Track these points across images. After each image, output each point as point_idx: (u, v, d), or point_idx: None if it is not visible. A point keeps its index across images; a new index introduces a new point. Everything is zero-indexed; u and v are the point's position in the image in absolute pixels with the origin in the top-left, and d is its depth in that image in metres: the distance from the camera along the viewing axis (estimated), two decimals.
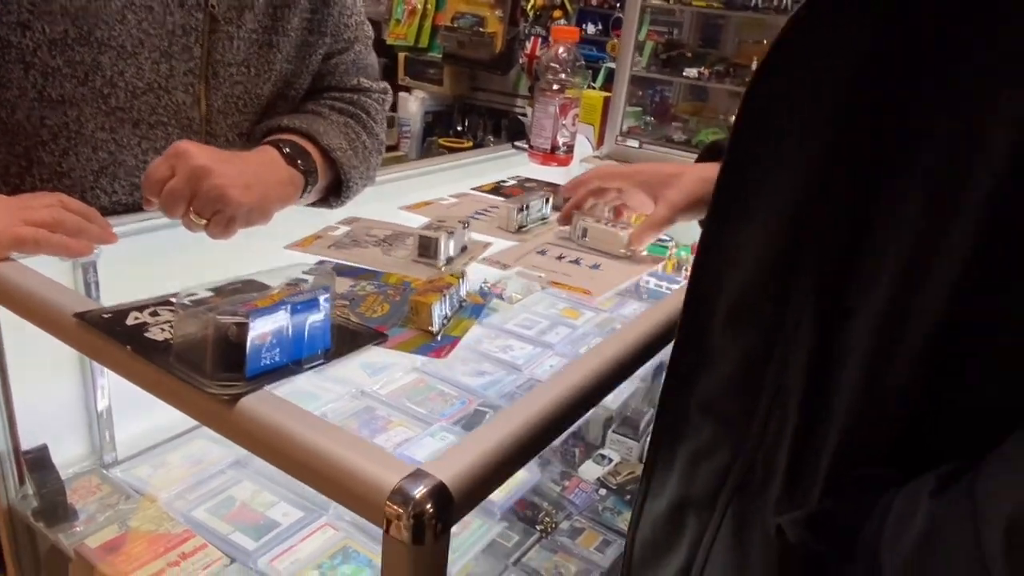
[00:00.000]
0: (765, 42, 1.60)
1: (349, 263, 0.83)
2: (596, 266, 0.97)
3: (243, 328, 0.53)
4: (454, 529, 0.58)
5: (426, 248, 0.85)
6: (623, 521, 1.08)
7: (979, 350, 0.37)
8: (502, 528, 0.98)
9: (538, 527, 1.05)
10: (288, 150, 0.93)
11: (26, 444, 0.82)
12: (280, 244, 0.90)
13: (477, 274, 0.97)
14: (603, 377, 0.63)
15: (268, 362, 0.54)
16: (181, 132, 0.94)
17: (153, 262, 0.86)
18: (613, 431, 1.22)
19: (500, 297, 1.13)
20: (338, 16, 1.07)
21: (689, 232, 1.28)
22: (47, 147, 0.89)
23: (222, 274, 0.76)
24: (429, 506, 0.45)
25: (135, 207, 0.90)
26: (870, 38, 0.38)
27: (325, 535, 0.84)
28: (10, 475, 0.82)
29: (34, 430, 0.83)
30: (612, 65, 1.77)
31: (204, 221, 0.81)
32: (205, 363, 0.53)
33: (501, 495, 0.92)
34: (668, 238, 1.25)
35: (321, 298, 0.58)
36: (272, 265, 0.82)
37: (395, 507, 0.45)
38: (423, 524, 0.45)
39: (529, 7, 1.99)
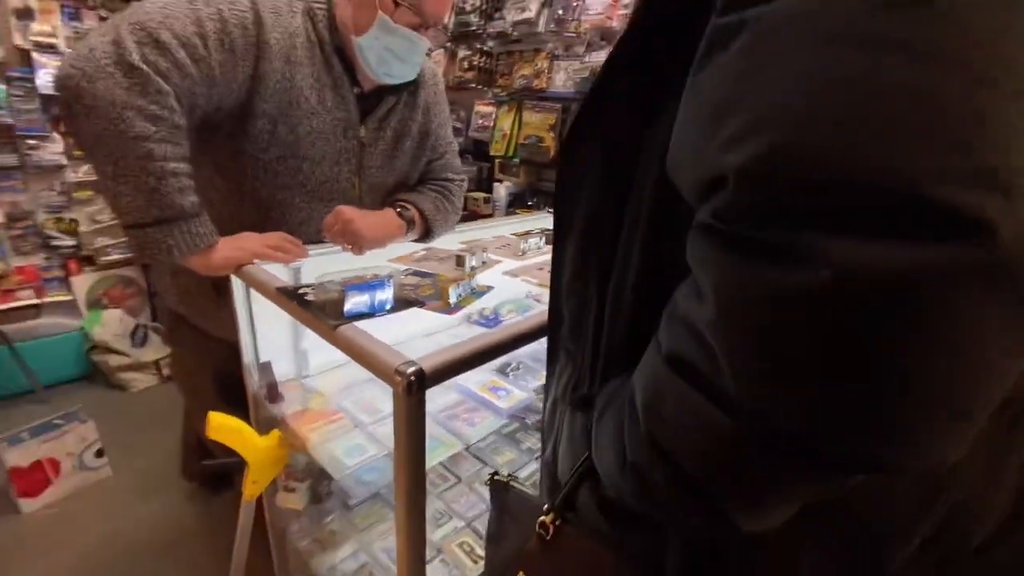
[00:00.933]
0: None
1: (419, 269, 0.95)
2: None
3: (343, 294, 0.69)
4: (477, 418, 0.70)
5: (459, 262, 0.96)
6: None
7: (661, 286, 0.35)
8: (508, 423, 1.01)
9: None
10: (399, 210, 1.07)
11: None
12: (386, 258, 1.02)
13: (502, 281, 1.01)
14: (510, 338, 0.68)
15: (355, 311, 0.70)
16: (345, 203, 1.02)
17: (325, 265, 0.96)
18: None
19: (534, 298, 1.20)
20: (435, 142, 1.17)
21: None
22: (276, 211, 0.99)
23: (357, 273, 0.92)
24: (412, 378, 0.57)
25: (319, 241, 1.02)
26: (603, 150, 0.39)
27: None
28: (254, 376, 0.98)
29: (263, 353, 0.98)
30: None
31: (349, 247, 0.97)
32: (328, 310, 0.70)
33: (506, 405, 0.95)
34: None
35: (389, 281, 0.73)
36: (380, 269, 0.98)
37: (397, 377, 0.57)
38: (410, 386, 0.57)
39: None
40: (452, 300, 0.79)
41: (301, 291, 0.76)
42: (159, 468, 1.93)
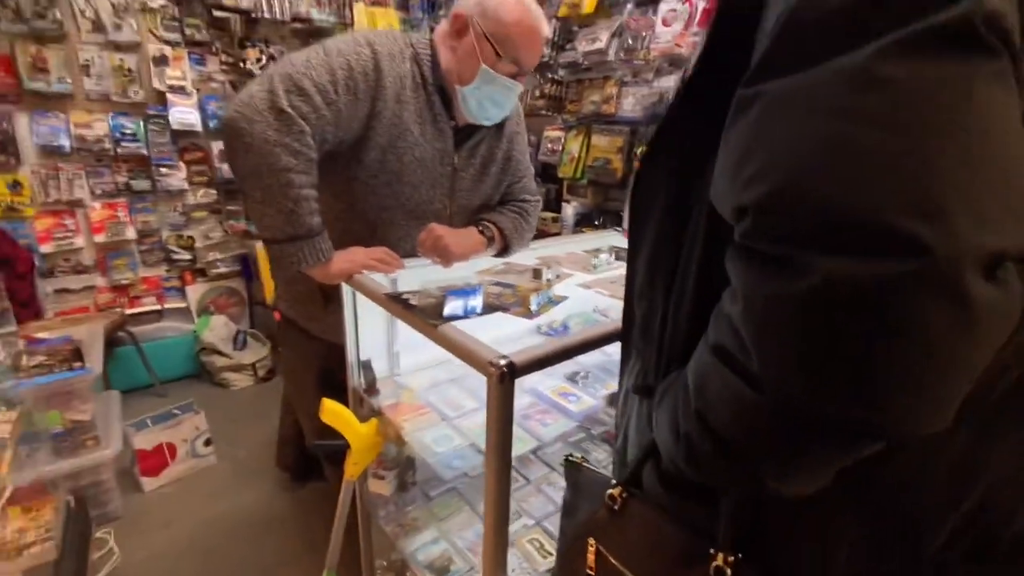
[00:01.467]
0: None
1: (501, 280, 1.03)
2: None
3: (444, 298, 0.79)
4: (549, 419, 0.76)
5: (536, 275, 1.05)
6: None
7: (712, 293, 0.39)
8: (574, 427, 1.04)
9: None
10: (481, 228, 1.17)
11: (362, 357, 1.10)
12: (471, 271, 1.11)
13: (576, 292, 1.06)
14: (588, 340, 0.76)
15: (452, 314, 0.80)
16: (438, 221, 1.12)
17: (419, 275, 1.03)
18: None
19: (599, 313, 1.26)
20: (515, 167, 1.28)
21: None
22: (380, 228, 1.12)
23: (447, 283, 1.03)
24: (505, 368, 0.66)
25: (414, 255, 1.12)
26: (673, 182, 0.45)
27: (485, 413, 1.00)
28: (357, 372, 1.10)
29: (365, 352, 1.10)
30: None
31: (439, 260, 1.07)
32: (429, 312, 0.81)
33: (577, 409, 1.03)
34: None
35: (480, 289, 0.83)
36: (469, 280, 1.08)
37: (492, 368, 0.66)
38: (503, 376, 0.66)
39: (639, 150, 2.08)
40: (533, 307, 0.87)
41: (405, 296, 0.88)
42: (256, 458, 2.14)
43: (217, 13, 2.59)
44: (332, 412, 0.95)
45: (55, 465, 1.58)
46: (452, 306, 0.80)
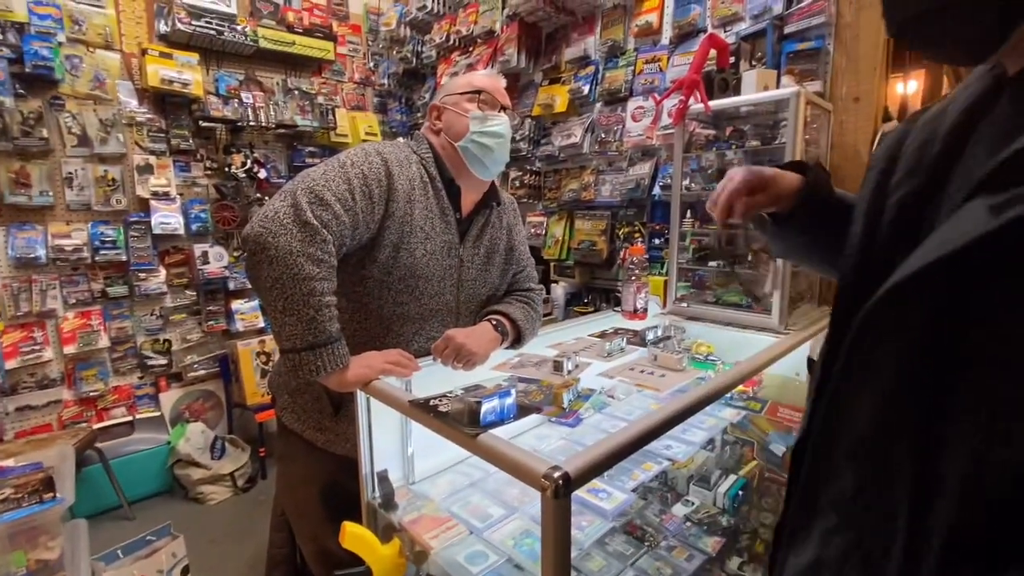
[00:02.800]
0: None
1: (521, 375, 1.02)
2: (663, 375, 1.06)
3: (479, 404, 0.76)
4: (584, 522, 0.72)
5: (557, 366, 1.03)
6: (703, 543, 1.09)
7: None
8: (611, 528, 1.00)
9: (646, 543, 1.09)
10: (495, 323, 1.16)
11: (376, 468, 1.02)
12: (489, 367, 1.09)
13: (596, 382, 1.07)
14: (651, 428, 0.74)
15: (489, 419, 0.77)
16: (447, 313, 1.16)
17: (435, 377, 1.02)
18: (693, 484, 1.22)
19: (611, 396, 1.24)
20: (518, 256, 1.31)
21: (732, 352, 1.34)
22: (395, 324, 1.11)
23: (464, 383, 1.00)
24: (560, 482, 0.61)
25: (427, 350, 1.09)
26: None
27: (516, 522, 0.94)
28: (370, 485, 1.03)
29: (379, 463, 1.03)
30: None
31: (460, 366, 1.04)
32: (464, 419, 0.77)
33: (610, 506, 0.96)
34: (716, 358, 1.28)
35: (512, 391, 0.81)
36: (486, 378, 1.06)
37: (546, 481, 0.62)
38: (558, 490, 0.61)
39: (621, 232, 2.14)
40: (565, 404, 0.85)
41: (433, 403, 0.84)
42: None
43: (204, 123, 2.67)
44: (353, 536, 0.87)
45: None
46: (489, 409, 0.77)
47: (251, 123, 2.78)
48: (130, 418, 2.55)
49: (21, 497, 1.35)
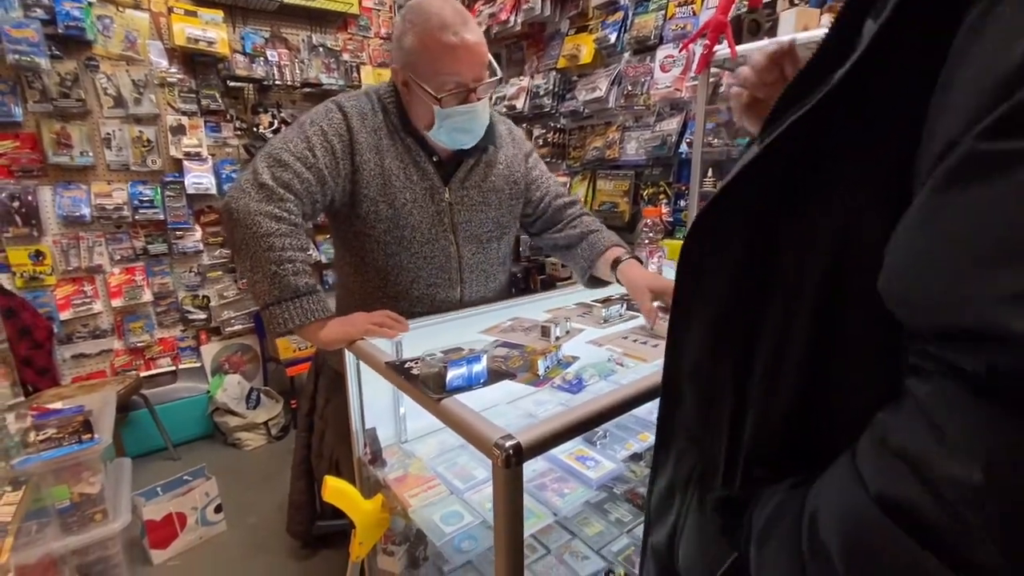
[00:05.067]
0: None
1: (507, 340, 0.99)
2: (655, 345, 1.01)
3: (445, 369, 0.75)
4: (566, 488, 0.70)
5: (544, 332, 0.99)
6: None
7: (830, 371, 0.34)
8: (596, 493, 0.99)
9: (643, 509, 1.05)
10: (625, 256, 1.19)
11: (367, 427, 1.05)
12: (476, 330, 1.06)
13: (586, 351, 1.00)
14: (603, 410, 0.69)
15: (456, 384, 0.75)
16: (447, 259, 1.13)
17: (425, 338, 0.97)
18: None
19: (620, 364, 1.18)
20: (532, 185, 1.26)
21: None
22: (390, 274, 1.12)
23: (451, 344, 0.98)
24: (511, 451, 0.59)
25: (431, 296, 1.14)
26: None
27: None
28: (360, 442, 1.05)
29: (370, 420, 1.05)
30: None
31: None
32: (431, 383, 0.76)
33: (596, 475, 0.95)
34: None
35: (483, 356, 0.78)
36: (473, 340, 1.03)
37: (497, 451, 0.60)
38: (509, 459, 0.60)
39: (645, 193, 2.07)
40: (540, 372, 0.82)
41: (407, 365, 0.83)
42: (266, 524, 2.06)
43: (231, 83, 2.69)
44: (335, 490, 0.90)
45: (62, 542, 1.53)
46: (455, 375, 0.75)
47: (277, 82, 2.78)
48: (174, 368, 2.73)
49: (62, 437, 1.47)
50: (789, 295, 0.35)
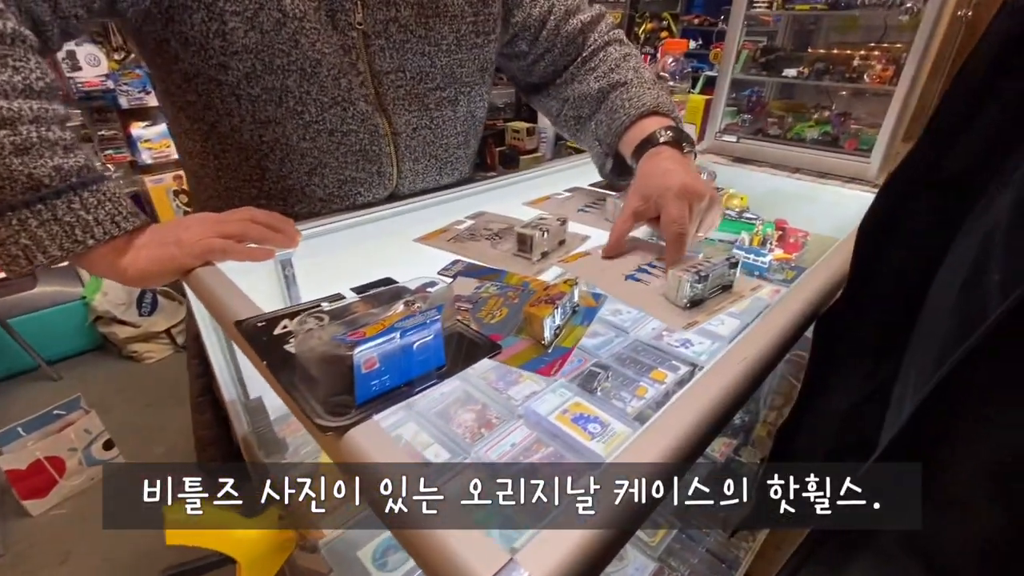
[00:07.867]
0: (854, 41, 1.11)
1: (464, 258, 0.59)
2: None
3: (350, 356, 0.34)
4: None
5: (523, 244, 0.59)
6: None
7: None
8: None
9: None
10: (662, 139, 0.70)
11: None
12: (411, 237, 0.67)
13: (605, 277, 0.66)
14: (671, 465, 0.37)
15: (378, 387, 0.36)
16: (370, 136, 0.70)
17: (337, 254, 0.69)
18: None
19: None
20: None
21: (773, 210, 0.88)
22: (269, 159, 0.68)
23: (377, 259, 0.58)
24: None
25: (344, 197, 0.72)
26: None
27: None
28: (242, 418, 0.69)
29: (254, 387, 0.67)
30: (711, 73, 1.34)
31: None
32: (319, 386, 0.36)
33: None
34: (755, 216, 0.86)
35: (430, 320, 0.38)
36: (406, 257, 0.63)
37: None
38: None
39: (640, 31, 1.58)
40: (546, 337, 0.43)
41: (283, 329, 0.42)
42: (177, 454, 1.72)
43: None
44: (185, 535, 0.52)
45: None
46: (366, 375, 0.35)
47: None
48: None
49: None
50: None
